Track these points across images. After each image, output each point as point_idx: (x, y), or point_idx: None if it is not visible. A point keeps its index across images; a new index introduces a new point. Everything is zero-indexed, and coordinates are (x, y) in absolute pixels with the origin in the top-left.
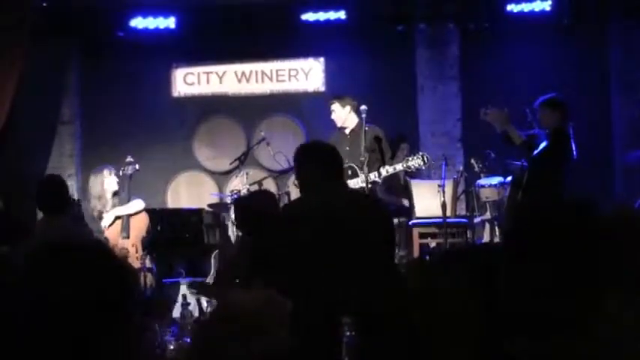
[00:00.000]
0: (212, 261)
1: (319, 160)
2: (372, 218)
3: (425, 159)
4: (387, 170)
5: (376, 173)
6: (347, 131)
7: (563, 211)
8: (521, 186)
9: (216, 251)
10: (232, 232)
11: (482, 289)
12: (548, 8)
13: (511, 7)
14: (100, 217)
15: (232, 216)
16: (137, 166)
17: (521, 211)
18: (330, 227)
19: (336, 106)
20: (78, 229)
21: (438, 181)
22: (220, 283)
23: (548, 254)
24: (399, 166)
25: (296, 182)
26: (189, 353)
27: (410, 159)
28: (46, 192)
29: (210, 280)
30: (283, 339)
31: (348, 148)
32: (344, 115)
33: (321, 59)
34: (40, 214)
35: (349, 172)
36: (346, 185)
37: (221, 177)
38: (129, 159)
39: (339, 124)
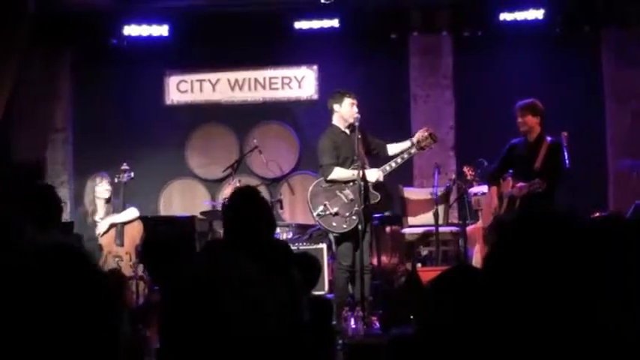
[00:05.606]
0: None
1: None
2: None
3: (433, 136)
4: (402, 157)
5: (392, 163)
6: (348, 130)
7: (545, 224)
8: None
9: None
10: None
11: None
12: (541, 17)
13: (504, 16)
14: (92, 223)
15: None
16: (132, 174)
17: (504, 224)
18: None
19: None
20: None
21: (431, 189)
22: None
23: (530, 266)
24: (414, 150)
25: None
26: None
27: (420, 140)
28: (35, 202)
29: None
30: None
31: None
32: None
33: (315, 67)
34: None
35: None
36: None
37: (214, 185)
38: (124, 166)
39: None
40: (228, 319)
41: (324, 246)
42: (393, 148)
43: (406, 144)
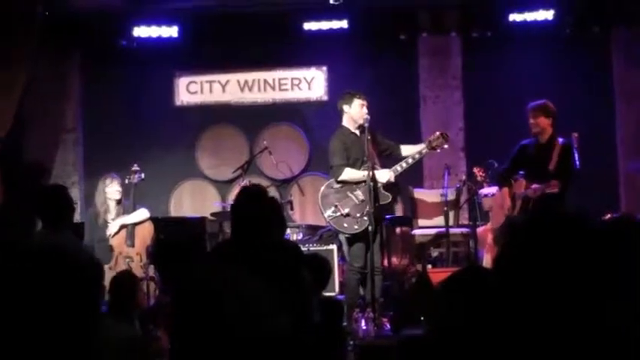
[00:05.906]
0: None
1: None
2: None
3: (445, 136)
4: (413, 158)
5: (402, 164)
6: (358, 131)
7: (556, 225)
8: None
9: None
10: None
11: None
12: (550, 17)
13: (513, 17)
14: (103, 224)
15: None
16: (143, 175)
17: (515, 225)
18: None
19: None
20: (78, 243)
21: (441, 190)
22: None
23: (541, 267)
24: (425, 150)
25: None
26: None
27: (431, 140)
28: (46, 203)
29: None
30: None
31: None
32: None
33: (324, 68)
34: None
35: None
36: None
37: (224, 186)
38: (135, 167)
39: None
40: (235, 320)
41: (334, 247)
42: (407, 150)
43: (420, 146)
